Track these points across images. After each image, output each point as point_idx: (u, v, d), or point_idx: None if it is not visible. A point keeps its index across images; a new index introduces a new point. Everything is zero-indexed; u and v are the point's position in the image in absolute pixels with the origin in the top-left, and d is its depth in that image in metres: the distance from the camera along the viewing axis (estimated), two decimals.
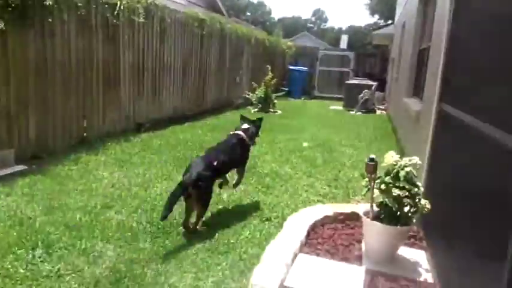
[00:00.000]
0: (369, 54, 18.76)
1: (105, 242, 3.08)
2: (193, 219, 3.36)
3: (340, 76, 17.41)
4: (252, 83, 11.98)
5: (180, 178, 4.57)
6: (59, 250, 2.90)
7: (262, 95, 11.00)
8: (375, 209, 3.02)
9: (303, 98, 16.22)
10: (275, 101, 11.27)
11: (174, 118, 8.48)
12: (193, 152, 5.93)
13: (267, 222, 3.59)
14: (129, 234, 3.23)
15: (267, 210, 3.86)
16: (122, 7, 6.59)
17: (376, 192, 2.98)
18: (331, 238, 3.36)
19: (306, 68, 16.92)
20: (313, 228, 3.50)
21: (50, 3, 5.06)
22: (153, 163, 5.26)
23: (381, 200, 2.92)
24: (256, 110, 11.07)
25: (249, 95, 11.57)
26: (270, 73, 11.23)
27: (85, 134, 6.09)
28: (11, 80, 4.86)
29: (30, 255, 2.81)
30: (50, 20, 5.26)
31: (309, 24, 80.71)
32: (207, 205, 3.40)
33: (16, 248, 2.88)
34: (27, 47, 5.03)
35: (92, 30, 6.11)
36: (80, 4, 5.69)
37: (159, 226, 3.39)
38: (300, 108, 12.52)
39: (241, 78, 12.64)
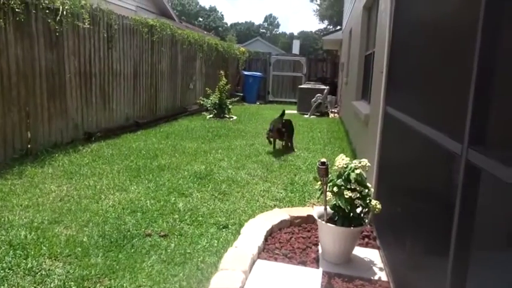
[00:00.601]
0: (320, 59, 19.26)
1: (54, 260, 2.92)
2: None
3: (294, 81, 17.77)
4: (206, 88, 11.93)
5: (133, 188, 4.49)
6: (2, 271, 2.71)
7: (217, 101, 10.97)
8: (329, 211, 3.10)
9: (257, 103, 16.38)
10: (230, 107, 11.27)
11: (126, 126, 8.24)
12: (148, 160, 5.80)
13: (224, 230, 3.57)
14: (80, 249, 3.08)
15: (224, 218, 3.83)
16: (64, 12, 6.32)
17: (329, 194, 3.07)
18: (289, 242, 3.40)
19: (259, 73, 17.11)
20: (271, 233, 3.53)
21: None
22: (105, 174, 5.07)
23: (334, 202, 3.00)
24: (211, 116, 11.01)
25: (203, 101, 11.49)
26: (223, 79, 11.22)
27: (29, 146, 5.76)
28: None
29: None
30: None
31: (261, 30, 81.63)
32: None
33: None
34: None
35: (32, 37, 5.80)
36: (18, 9, 5.39)
37: (112, 240, 3.27)
38: (255, 113, 12.61)
39: (194, 85, 12.54)
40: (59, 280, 2.65)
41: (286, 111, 10.27)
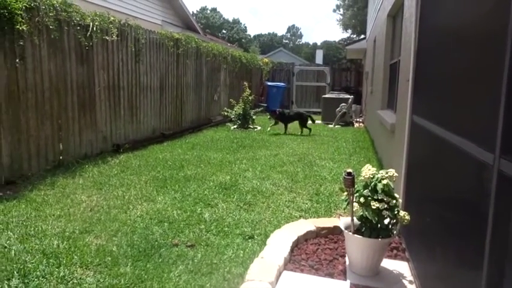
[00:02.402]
0: (344, 69, 19.13)
1: (85, 269, 3.00)
2: None
3: (317, 90, 17.72)
4: (230, 100, 12.05)
5: (160, 199, 4.56)
6: (36, 279, 2.81)
7: (241, 112, 11.05)
8: (356, 222, 3.06)
9: None
10: (254, 117, 11.33)
11: (152, 138, 8.41)
12: (174, 171, 5.89)
13: (250, 240, 3.58)
14: (109, 258, 3.15)
15: (249, 228, 3.84)
16: (94, 28, 6.56)
17: (356, 205, 3.03)
18: (315, 253, 3.37)
19: (283, 84, 17.15)
20: (297, 244, 3.51)
21: (23, 28, 5.00)
22: (133, 184, 5.18)
23: (361, 213, 2.96)
24: (235, 126, 11.10)
25: (227, 112, 11.60)
26: (247, 89, 11.32)
27: (61, 157, 5.96)
28: None
29: (6, 286, 2.70)
30: (21, 43, 5.19)
31: (284, 41, 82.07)
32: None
33: None
34: None
35: (64, 52, 6.04)
36: (52, 27, 5.64)
37: (140, 249, 3.33)
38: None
39: (219, 96, 12.70)
40: None
41: (310, 121, 10.32)
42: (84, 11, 6.44)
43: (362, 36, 27.65)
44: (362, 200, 2.94)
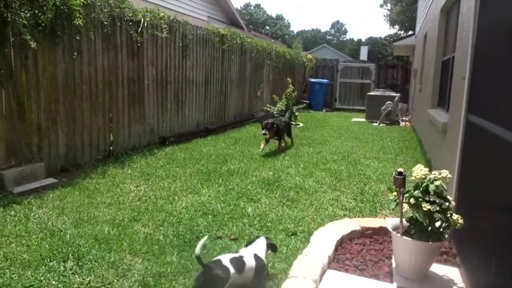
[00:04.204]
0: (390, 65, 18.52)
1: (133, 255, 3.12)
2: None
3: (362, 88, 17.31)
4: (273, 96, 12.03)
5: (204, 191, 4.64)
6: (89, 262, 2.95)
7: (284, 108, 11.01)
8: (405, 224, 2.96)
9: (324, 111, 16.18)
10: (296, 114, 11.26)
11: (197, 132, 8.58)
12: (217, 165, 5.97)
13: (293, 237, 3.56)
14: (156, 247, 3.25)
15: (292, 225, 3.82)
16: (145, 24, 6.76)
17: (405, 206, 2.93)
18: (360, 254, 3.30)
19: (326, 80, 16.90)
20: (341, 243, 3.45)
21: (80, 23, 5.25)
22: (178, 176, 5.31)
23: (411, 214, 2.86)
24: None
25: (270, 108, 11.60)
26: (290, 86, 11.25)
27: (111, 148, 6.22)
28: (41, 97, 5.03)
29: (62, 267, 2.86)
30: (78, 38, 5.45)
31: (328, 37, 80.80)
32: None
33: (48, 260, 2.95)
34: (56, 65, 5.21)
35: (117, 47, 6.28)
36: (106, 22, 5.87)
37: (185, 240, 3.41)
38: (322, 120, 12.46)
39: (262, 92, 12.73)
40: (139, 275, 2.82)
41: (354, 119, 10.04)
42: (136, 7, 6.65)
43: (410, 32, 26.66)
44: (412, 201, 2.83)
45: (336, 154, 7.08)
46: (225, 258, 2.56)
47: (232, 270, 2.48)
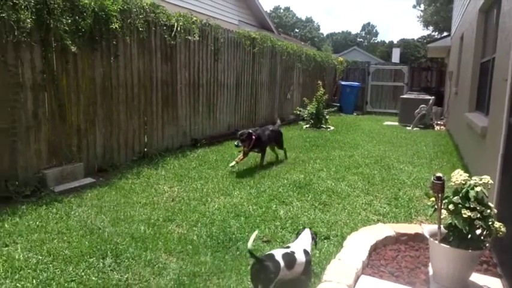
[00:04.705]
0: (424, 68, 18.03)
1: (168, 254, 3.18)
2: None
3: (394, 91, 16.96)
4: (304, 99, 11.99)
5: (236, 193, 4.67)
6: (127, 260, 3.03)
7: (314, 111, 10.95)
8: (443, 230, 2.88)
9: (355, 114, 15.96)
10: (327, 117, 11.17)
11: (227, 134, 8.65)
12: (249, 167, 6.00)
13: (325, 241, 3.53)
14: (190, 247, 3.31)
15: (325, 228, 3.79)
16: (178, 28, 6.90)
17: (444, 213, 2.85)
18: (395, 260, 3.23)
19: (357, 83, 16.67)
20: (375, 249, 3.39)
21: (116, 27, 5.42)
22: (210, 178, 5.38)
23: (449, 221, 2.78)
24: (307, 126, 11.03)
25: (300, 111, 11.56)
26: (321, 89, 11.18)
27: (145, 149, 6.38)
28: (81, 100, 5.23)
29: (101, 264, 2.96)
30: (115, 42, 5.63)
31: (358, 39, 79.67)
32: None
33: (88, 256, 3.06)
34: (94, 69, 5.40)
35: (151, 51, 6.44)
36: (141, 28, 6.04)
37: (219, 241, 3.45)
38: (353, 124, 12.29)
39: (292, 94, 12.71)
40: (174, 274, 2.87)
41: (386, 123, 9.82)
42: (170, 12, 6.80)
43: (445, 33, 25.89)
44: (451, 207, 2.75)
45: (368, 158, 6.97)
46: (278, 253, 2.64)
47: (282, 264, 2.57)
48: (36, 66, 4.59)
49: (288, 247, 2.83)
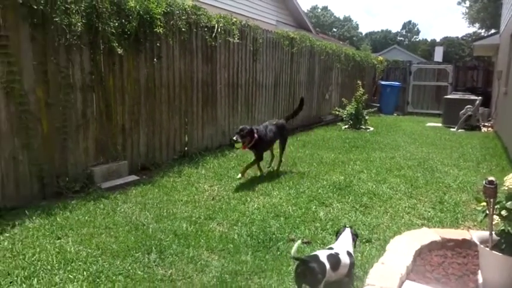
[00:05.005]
0: (470, 67, 17.22)
1: (210, 252, 3.24)
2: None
3: (437, 90, 16.35)
4: (342, 99, 11.81)
5: (275, 194, 4.68)
6: (170, 256, 3.12)
7: (353, 112, 10.76)
8: (494, 237, 2.74)
9: (395, 114, 15.53)
10: (366, 118, 10.94)
11: None
12: (287, 167, 5.99)
13: (367, 244, 3.46)
14: (231, 246, 3.35)
15: (366, 231, 3.72)
16: (219, 29, 7.00)
17: (496, 219, 2.72)
18: (441, 266, 3.12)
19: (398, 83, 16.20)
20: (419, 254, 3.29)
21: (160, 30, 5.57)
22: (249, 178, 5.41)
23: (502, 227, 2.65)
24: (346, 126, 10.85)
25: (338, 111, 11.40)
26: (360, 89, 10.96)
27: (186, 149, 6.52)
28: (126, 100, 5.42)
29: (146, 259, 3.06)
30: (158, 44, 5.79)
31: (398, 38, 77.43)
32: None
33: (134, 251, 3.17)
34: (139, 70, 5.57)
35: (192, 52, 6.57)
36: (183, 29, 6.17)
37: (259, 240, 3.46)
38: (393, 124, 11.97)
39: (330, 95, 12.55)
40: (216, 271, 2.92)
41: (429, 124, 9.46)
42: (210, 14, 6.91)
43: (493, 30, 24.65)
44: (504, 213, 2.63)
45: (410, 160, 6.76)
46: (322, 254, 2.63)
47: (328, 266, 2.56)
48: (85, 67, 4.80)
49: (331, 248, 2.81)
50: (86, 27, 4.66)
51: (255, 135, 5.23)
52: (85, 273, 2.83)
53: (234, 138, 5.10)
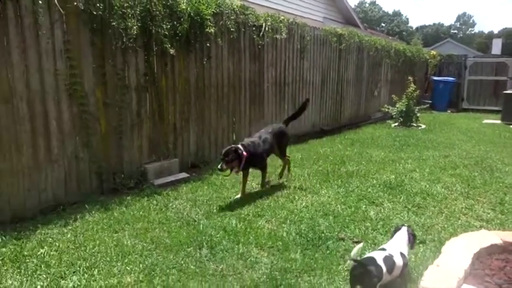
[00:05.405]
0: None
1: (259, 249, 3.27)
2: None
3: (495, 86, 15.36)
4: (392, 96, 11.43)
5: (323, 192, 4.64)
6: (221, 252, 3.19)
7: (404, 109, 10.38)
8: None
9: (448, 111, 14.79)
10: (418, 115, 10.52)
11: (312, 132, 8.61)
12: (335, 166, 5.92)
13: (421, 245, 3.34)
14: (280, 243, 3.36)
15: (420, 232, 3.58)
16: (266, 28, 7.03)
17: None
18: (502, 271, 2.94)
19: (452, 79, 15.41)
20: (478, 257, 3.12)
21: (211, 30, 5.69)
22: (296, 176, 5.40)
23: None
24: (396, 124, 10.50)
25: (388, 108, 11.05)
26: (412, 85, 10.55)
27: None
28: (177, 99, 5.59)
29: (198, 254, 3.15)
30: (208, 44, 5.92)
31: (452, 31, 73.63)
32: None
33: (186, 246, 3.27)
34: (189, 70, 5.72)
35: (240, 51, 6.65)
36: (232, 29, 6.27)
37: (308, 238, 3.45)
38: (447, 122, 11.42)
39: (379, 91, 12.20)
40: (266, 268, 2.95)
41: (486, 121, 8.89)
42: (258, 13, 6.96)
43: None
44: None
45: (466, 159, 6.42)
46: (379, 257, 2.60)
47: (384, 269, 2.53)
48: (139, 69, 5.01)
49: (384, 249, 2.75)
50: (140, 30, 4.85)
51: (243, 153, 4.41)
52: (141, 265, 2.97)
53: (219, 167, 4.27)
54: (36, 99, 4.00)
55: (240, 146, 4.49)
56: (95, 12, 4.34)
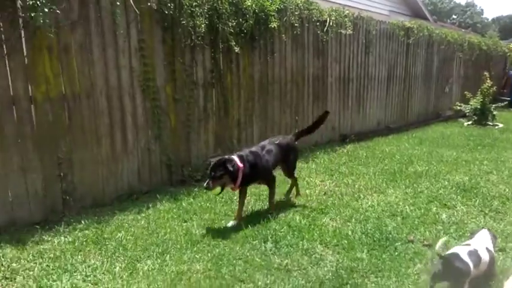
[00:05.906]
0: None
1: (324, 246, 3.24)
2: None
3: None
4: (465, 92, 10.69)
5: (390, 192, 4.48)
6: (285, 247, 3.20)
7: (479, 106, 9.68)
8: None
9: None
10: (494, 113, 9.76)
11: (377, 130, 8.34)
12: (402, 165, 5.69)
13: (501, 253, 3.10)
14: (346, 242, 3.30)
15: (499, 239, 3.32)
16: (330, 23, 6.90)
17: None
18: None
19: None
20: None
21: (275, 25, 5.71)
22: (361, 174, 5.27)
23: None
24: (469, 122, 9.82)
25: (460, 106, 10.36)
26: (488, 81, 9.80)
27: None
28: (241, 95, 5.69)
29: (263, 247, 3.19)
30: (272, 40, 5.94)
31: None
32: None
33: (251, 239, 3.33)
34: (253, 66, 5.79)
35: (304, 47, 6.60)
36: (296, 24, 6.24)
37: (374, 239, 3.36)
38: None
39: (450, 88, 11.48)
40: (331, 266, 2.92)
41: None
42: (322, 8, 6.85)
43: None
44: None
45: None
46: (463, 252, 2.48)
47: (471, 266, 2.41)
48: (206, 66, 5.16)
49: (468, 245, 2.61)
50: (207, 28, 4.99)
51: (238, 164, 3.57)
52: (209, 254, 3.07)
53: (205, 185, 3.47)
54: (113, 95, 4.28)
55: (235, 156, 3.65)
56: (166, 12, 4.53)
